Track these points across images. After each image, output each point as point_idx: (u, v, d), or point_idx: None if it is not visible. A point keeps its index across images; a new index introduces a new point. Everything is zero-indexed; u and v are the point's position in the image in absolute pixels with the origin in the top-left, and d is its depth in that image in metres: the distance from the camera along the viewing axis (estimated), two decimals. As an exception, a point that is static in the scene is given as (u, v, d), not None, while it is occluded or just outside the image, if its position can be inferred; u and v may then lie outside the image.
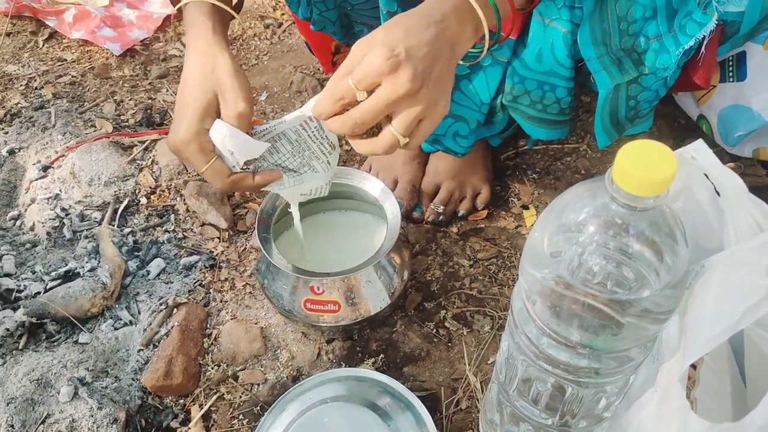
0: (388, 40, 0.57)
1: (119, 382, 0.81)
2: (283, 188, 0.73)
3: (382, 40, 0.58)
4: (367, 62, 0.57)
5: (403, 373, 0.83)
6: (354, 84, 0.58)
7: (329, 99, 0.61)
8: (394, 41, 0.57)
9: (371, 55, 0.57)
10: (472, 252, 0.96)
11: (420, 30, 0.59)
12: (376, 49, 0.57)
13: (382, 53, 0.56)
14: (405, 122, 0.60)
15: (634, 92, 0.79)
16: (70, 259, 0.93)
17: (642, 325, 0.50)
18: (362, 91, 0.59)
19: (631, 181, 0.43)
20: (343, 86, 0.59)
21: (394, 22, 0.60)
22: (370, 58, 0.57)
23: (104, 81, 1.26)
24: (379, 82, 0.58)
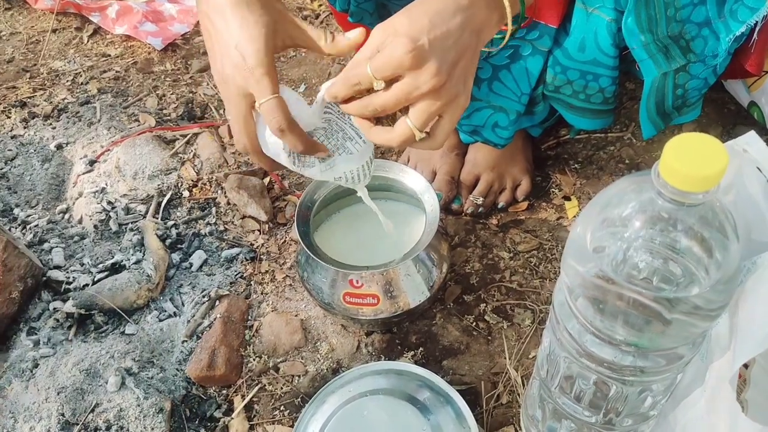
0: (413, 29, 0.54)
1: (164, 372, 0.83)
2: (316, 171, 0.69)
3: (405, 30, 0.54)
4: (388, 53, 0.55)
5: (443, 367, 0.83)
6: (372, 72, 0.56)
7: (345, 83, 0.58)
8: (418, 31, 0.54)
9: (393, 46, 0.54)
10: (512, 244, 0.95)
11: (446, 17, 0.56)
12: (399, 39, 0.54)
13: (405, 45, 0.54)
14: (423, 117, 0.58)
15: (681, 81, 0.76)
16: (116, 252, 0.96)
17: (690, 323, 0.49)
18: (380, 80, 0.56)
19: (679, 177, 0.42)
20: (361, 73, 0.57)
21: (419, 5, 0.57)
22: (392, 48, 0.54)
23: (147, 75, 1.28)
24: (399, 74, 0.55)
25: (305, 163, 0.68)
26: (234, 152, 1.10)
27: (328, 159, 0.68)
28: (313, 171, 0.68)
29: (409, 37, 0.54)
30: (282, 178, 1.07)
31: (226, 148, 1.11)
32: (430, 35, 0.55)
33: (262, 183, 1.04)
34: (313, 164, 0.68)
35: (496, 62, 0.84)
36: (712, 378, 0.51)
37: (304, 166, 0.68)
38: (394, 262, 0.76)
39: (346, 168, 0.69)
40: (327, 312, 0.87)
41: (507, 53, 0.84)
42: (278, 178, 1.06)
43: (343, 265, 0.77)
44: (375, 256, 0.82)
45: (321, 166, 0.68)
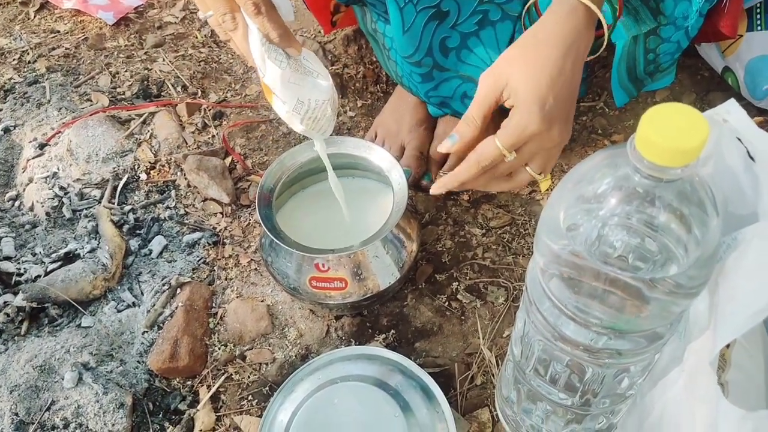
0: (538, 94, 0.54)
1: (124, 365, 0.79)
2: (284, 75, 0.62)
3: (530, 95, 0.54)
4: (520, 127, 0.55)
5: (415, 349, 0.80)
6: (504, 148, 0.57)
7: (477, 166, 0.59)
8: (544, 96, 0.54)
9: (522, 118, 0.55)
10: (484, 220, 0.92)
11: (562, 64, 0.55)
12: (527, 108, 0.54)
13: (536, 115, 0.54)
14: (545, 165, 0.61)
15: (652, 45, 0.73)
16: (70, 240, 0.91)
17: (668, 302, 0.46)
18: (512, 153, 0.58)
19: (657, 150, 0.39)
20: (492, 153, 0.58)
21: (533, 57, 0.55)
22: (522, 121, 0.55)
23: (99, 52, 1.21)
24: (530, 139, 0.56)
25: (276, 60, 0.61)
26: (193, 132, 1.05)
27: (299, 71, 0.63)
28: (278, 74, 0.61)
29: (538, 105, 0.54)
30: (245, 158, 1.02)
31: (184, 127, 1.06)
32: (554, 94, 0.54)
33: (224, 163, 0.99)
34: (282, 65, 0.61)
35: (464, 29, 0.81)
36: (691, 358, 0.49)
37: (273, 61, 0.61)
38: (360, 244, 0.73)
39: (312, 95, 0.64)
40: (294, 297, 0.83)
41: (476, 19, 0.80)
42: (240, 158, 1.02)
43: (307, 249, 0.73)
44: (342, 236, 0.79)
45: (290, 73, 0.62)
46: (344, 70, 1.14)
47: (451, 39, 0.82)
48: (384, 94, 1.11)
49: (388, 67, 0.99)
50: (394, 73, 0.97)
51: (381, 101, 1.10)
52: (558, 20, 0.57)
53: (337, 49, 1.17)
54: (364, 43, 1.16)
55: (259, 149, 1.04)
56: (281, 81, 0.61)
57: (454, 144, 0.62)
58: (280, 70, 0.61)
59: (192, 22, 1.28)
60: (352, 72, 1.14)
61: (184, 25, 1.28)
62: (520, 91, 0.55)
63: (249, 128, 1.06)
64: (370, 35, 0.98)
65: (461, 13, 0.79)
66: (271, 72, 0.61)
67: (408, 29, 0.80)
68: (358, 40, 1.16)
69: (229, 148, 1.03)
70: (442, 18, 0.79)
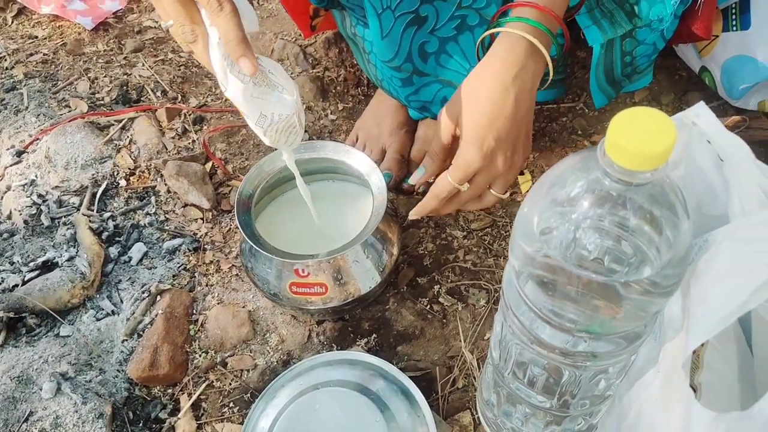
0: (477, 134, 0.61)
1: (104, 374, 0.79)
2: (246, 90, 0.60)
3: (471, 137, 0.61)
4: (463, 164, 0.63)
5: (397, 353, 0.80)
6: (455, 183, 0.66)
7: (436, 199, 0.68)
8: (482, 136, 0.61)
9: (465, 157, 0.62)
10: (465, 222, 0.92)
11: (501, 104, 0.60)
12: (468, 149, 0.62)
13: (475, 154, 0.62)
14: (504, 188, 0.69)
15: (629, 47, 0.74)
16: (49, 248, 0.90)
17: (643, 302, 0.47)
18: (463, 184, 0.67)
19: (626, 155, 0.39)
20: (446, 186, 0.66)
21: (473, 100, 0.61)
22: (465, 159, 0.63)
23: (77, 58, 1.20)
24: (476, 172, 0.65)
25: (239, 74, 0.59)
26: (173, 137, 1.05)
27: (262, 85, 0.61)
28: (240, 88, 0.60)
29: (476, 146, 0.62)
30: (225, 163, 1.02)
31: (164, 132, 1.05)
32: (494, 132, 0.61)
33: (204, 169, 0.98)
34: (245, 80, 0.60)
35: (443, 34, 0.81)
36: (666, 359, 0.49)
37: (236, 75, 0.59)
38: (340, 249, 0.73)
39: (276, 109, 0.62)
40: (275, 303, 0.83)
41: (454, 24, 0.80)
42: (221, 162, 1.01)
43: (286, 254, 0.73)
44: (322, 241, 0.79)
45: (252, 87, 0.60)
46: (325, 73, 1.14)
47: (429, 44, 0.82)
48: (365, 97, 1.11)
49: (368, 70, 0.99)
50: (374, 76, 0.97)
51: (362, 104, 1.10)
52: (499, 58, 0.61)
53: (318, 53, 1.17)
54: (345, 47, 1.15)
55: (239, 154, 1.03)
56: (243, 95, 0.60)
57: (423, 176, 0.70)
58: (242, 85, 0.60)
59: (172, 27, 1.27)
60: (333, 75, 1.14)
61: (164, 30, 1.27)
62: (463, 131, 0.62)
63: (229, 133, 1.06)
64: (350, 39, 0.98)
65: (439, 18, 0.79)
66: (233, 86, 0.60)
67: (387, 34, 0.80)
68: (339, 44, 1.16)
69: (209, 153, 1.02)
70: (420, 23, 0.79)
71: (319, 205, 0.81)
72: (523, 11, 0.62)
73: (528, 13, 0.62)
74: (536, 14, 0.61)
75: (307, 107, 1.10)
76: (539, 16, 0.61)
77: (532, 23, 0.60)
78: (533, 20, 0.60)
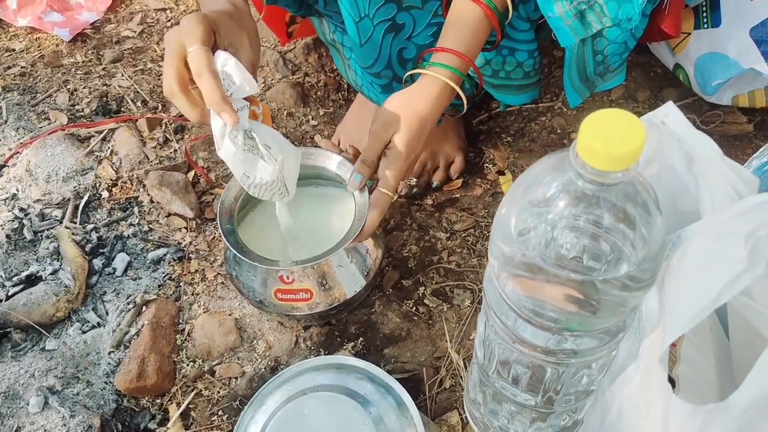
0: (407, 154, 0.73)
1: (91, 387, 0.79)
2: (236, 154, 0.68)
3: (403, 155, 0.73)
4: (397, 176, 0.74)
5: (384, 356, 0.81)
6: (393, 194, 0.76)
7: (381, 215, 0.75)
8: (408, 153, 0.73)
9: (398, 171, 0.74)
10: (448, 224, 0.93)
11: (421, 131, 0.73)
12: (402, 164, 0.74)
13: (404, 167, 0.74)
14: None
15: (600, 46, 0.75)
16: (32, 262, 0.90)
17: (620, 297, 0.48)
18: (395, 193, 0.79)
19: (597, 156, 0.40)
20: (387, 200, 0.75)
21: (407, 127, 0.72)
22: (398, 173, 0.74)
23: (56, 70, 1.20)
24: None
25: (235, 139, 0.67)
26: (154, 147, 1.05)
27: (250, 151, 0.69)
28: (231, 151, 0.68)
29: (407, 162, 0.75)
30: (208, 171, 1.02)
31: (145, 142, 1.05)
32: (416, 152, 0.75)
33: (186, 178, 0.98)
34: (237, 145, 0.67)
35: (420, 42, 0.82)
36: (645, 354, 0.50)
37: (231, 140, 0.67)
38: (324, 255, 0.73)
39: (258, 173, 0.70)
40: (261, 311, 0.83)
41: (431, 31, 0.81)
42: (203, 171, 1.01)
43: (269, 262, 0.73)
44: (306, 246, 0.79)
45: (241, 152, 0.68)
46: (305, 79, 1.15)
47: (407, 50, 0.82)
48: (345, 102, 1.12)
49: (348, 75, 0.99)
50: (354, 81, 0.98)
51: (343, 109, 1.11)
52: (424, 96, 0.72)
53: (298, 58, 1.17)
54: (324, 52, 1.16)
55: (222, 162, 1.03)
56: (232, 157, 0.68)
57: (360, 182, 0.75)
58: (234, 149, 0.67)
59: (150, 36, 1.27)
60: (313, 80, 1.15)
61: (143, 39, 1.27)
62: (395, 150, 0.73)
63: (211, 141, 1.05)
64: (330, 44, 0.99)
65: (416, 26, 0.80)
66: (226, 148, 0.67)
67: (366, 42, 0.81)
68: (318, 49, 1.16)
69: (191, 162, 1.02)
70: (398, 30, 0.80)
71: (301, 211, 0.81)
72: (443, 57, 0.72)
73: (447, 59, 0.72)
74: (454, 60, 0.72)
75: (287, 113, 1.10)
76: (456, 62, 0.72)
77: (449, 69, 0.72)
78: (450, 66, 0.72)
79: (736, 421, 0.40)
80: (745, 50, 0.84)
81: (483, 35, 0.73)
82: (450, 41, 0.73)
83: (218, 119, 0.66)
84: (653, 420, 0.46)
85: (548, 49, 1.13)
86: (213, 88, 0.63)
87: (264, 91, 1.13)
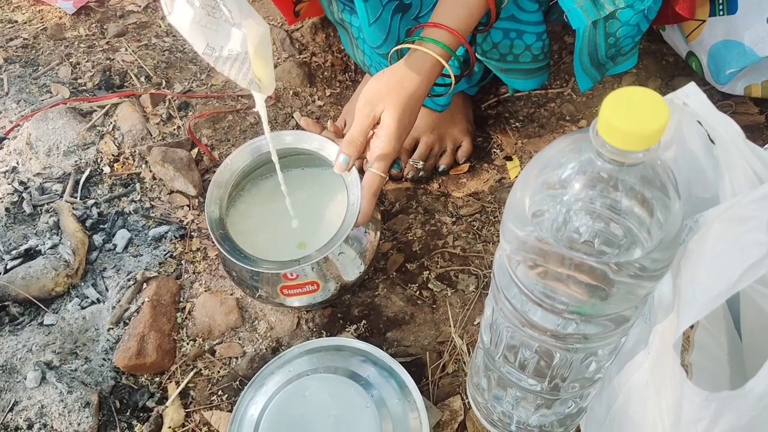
0: (398, 133, 0.71)
1: (89, 363, 0.78)
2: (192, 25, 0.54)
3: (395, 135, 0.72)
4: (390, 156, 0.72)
5: (387, 339, 0.80)
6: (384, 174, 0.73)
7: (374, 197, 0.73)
8: (401, 133, 0.72)
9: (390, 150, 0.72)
10: (454, 208, 0.92)
11: (413, 108, 0.73)
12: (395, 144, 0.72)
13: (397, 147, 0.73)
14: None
15: (612, 28, 0.74)
16: (31, 236, 0.89)
17: (633, 284, 0.47)
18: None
19: (618, 135, 0.39)
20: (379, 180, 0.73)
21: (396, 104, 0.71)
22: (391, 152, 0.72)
23: (58, 42, 1.18)
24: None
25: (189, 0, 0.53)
26: (158, 123, 1.03)
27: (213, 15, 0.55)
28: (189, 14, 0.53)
29: (399, 142, 0.73)
30: (212, 149, 1.00)
31: (148, 118, 1.04)
32: (406, 131, 0.73)
33: (189, 155, 0.97)
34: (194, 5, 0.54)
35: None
36: (656, 341, 0.49)
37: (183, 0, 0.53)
38: (324, 249, 0.71)
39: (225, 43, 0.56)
40: (264, 304, 0.82)
41: None
42: (207, 149, 1.00)
43: (274, 265, 0.71)
44: (303, 235, 0.77)
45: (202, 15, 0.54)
46: (312, 59, 1.13)
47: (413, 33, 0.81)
48: (352, 83, 1.10)
49: (356, 56, 0.98)
50: (362, 62, 0.96)
51: (349, 90, 1.09)
52: (415, 70, 0.71)
53: (305, 38, 1.15)
54: (332, 32, 1.14)
55: (226, 140, 1.02)
56: (189, 23, 0.54)
57: (348, 164, 0.73)
58: (190, 10, 0.53)
59: (155, 11, 1.25)
60: (320, 61, 1.13)
61: (147, 14, 1.25)
62: (386, 130, 0.71)
63: (215, 119, 1.05)
64: (338, 24, 0.97)
65: (423, 6, 0.79)
66: (180, 10, 0.53)
67: (375, 21, 0.79)
68: (326, 29, 1.14)
69: (195, 140, 1.01)
70: (405, 10, 0.78)
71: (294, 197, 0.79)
72: (435, 33, 0.70)
73: (437, 34, 0.70)
74: (446, 37, 0.70)
75: (293, 93, 1.09)
76: (447, 38, 0.70)
77: (440, 45, 0.70)
78: (441, 42, 0.70)
79: (752, 409, 0.39)
80: (762, 38, 0.83)
81: (478, 14, 0.71)
82: (443, 17, 0.71)
83: None
84: (664, 407, 0.46)
85: (558, 34, 1.12)
86: None
87: (269, 70, 1.11)
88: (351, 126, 0.73)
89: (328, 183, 0.81)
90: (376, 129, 0.72)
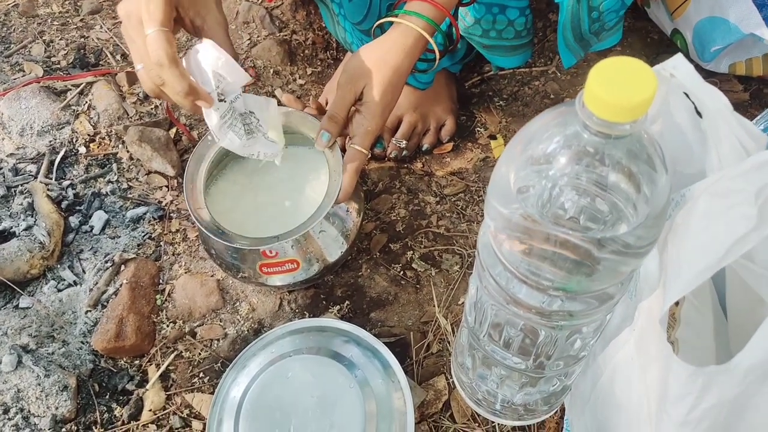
0: (381, 109, 0.70)
1: (67, 346, 0.76)
2: (235, 141, 0.70)
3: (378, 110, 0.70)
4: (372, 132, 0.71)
5: (371, 319, 0.79)
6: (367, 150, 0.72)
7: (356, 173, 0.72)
8: (384, 108, 0.70)
9: (373, 127, 0.71)
10: (438, 188, 0.91)
11: (396, 83, 0.70)
12: (378, 120, 0.71)
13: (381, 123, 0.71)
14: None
15: (595, 2, 0.73)
16: (5, 218, 0.86)
17: (619, 261, 0.46)
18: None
19: (605, 106, 0.38)
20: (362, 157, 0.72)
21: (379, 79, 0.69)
22: (374, 128, 0.71)
23: (31, 20, 1.14)
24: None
25: (238, 132, 0.69)
26: (134, 102, 1.01)
27: (253, 137, 0.71)
28: (237, 143, 0.70)
29: (383, 118, 0.71)
30: (190, 129, 0.98)
31: (125, 97, 1.01)
32: (390, 107, 0.71)
33: (167, 135, 0.95)
34: (241, 137, 0.70)
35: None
36: (642, 317, 0.49)
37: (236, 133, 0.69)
38: (304, 226, 0.70)
39: (262, 149, 0.73)
40: (245, 283, 0.80)
41: None
42: (186, 129, 0.98)
43: (253, 241, 0.70)
44: (285, 213, 0.76)
45: (246, 141, 0.71)
46: (293, 37, 1.11)
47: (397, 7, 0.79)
48: (334, 61, 1.08)
49: (338, 33, 0.96)
50: (344, 39, 0.94)
51: (331, 68, 1.07)
52: (398, 45, 0.69)
53: (285, 15, 1.13)
54: (313, 9, 1.12)
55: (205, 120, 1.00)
56: (239, 148, 0.71)
57: (329, 140, 0.72)
58: (238, 140, 0.69)
59: (131, -12, 1.22)
60: (301, 39, 1.11)
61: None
62: (369, 105, 0.70)
63: (194, 98, 1.02)
64: (318, 0, 0.95)
65: None
66: (231, 140, 0.69)
67: None
68: (306, 6, 1.12)
69: (173, 119, 0.98)
70: None
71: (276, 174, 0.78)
72: (419, 6, 0.69)
73: (421, 8, 0.69)
74: (430, 10, 0.69)
75: (274, 71, 1.06)
76: (432, 12, 0.69)
77: (424, 18, 0.69)
78: (425, 16, 0.69)
79: (739, 384, 0.38)
80: (747, 15, 0.82)
81: None
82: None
83: (213, 113, 0.65)
84: (649, 383, 0.45)
85: (543, 12, 1.10)
86: (177, 79, 0.60)
87: (249, 48, 1.09)
88: (332, 102, 0.71)
89: (311, 161, 0.80)
90: (358, 105, 0.71)
